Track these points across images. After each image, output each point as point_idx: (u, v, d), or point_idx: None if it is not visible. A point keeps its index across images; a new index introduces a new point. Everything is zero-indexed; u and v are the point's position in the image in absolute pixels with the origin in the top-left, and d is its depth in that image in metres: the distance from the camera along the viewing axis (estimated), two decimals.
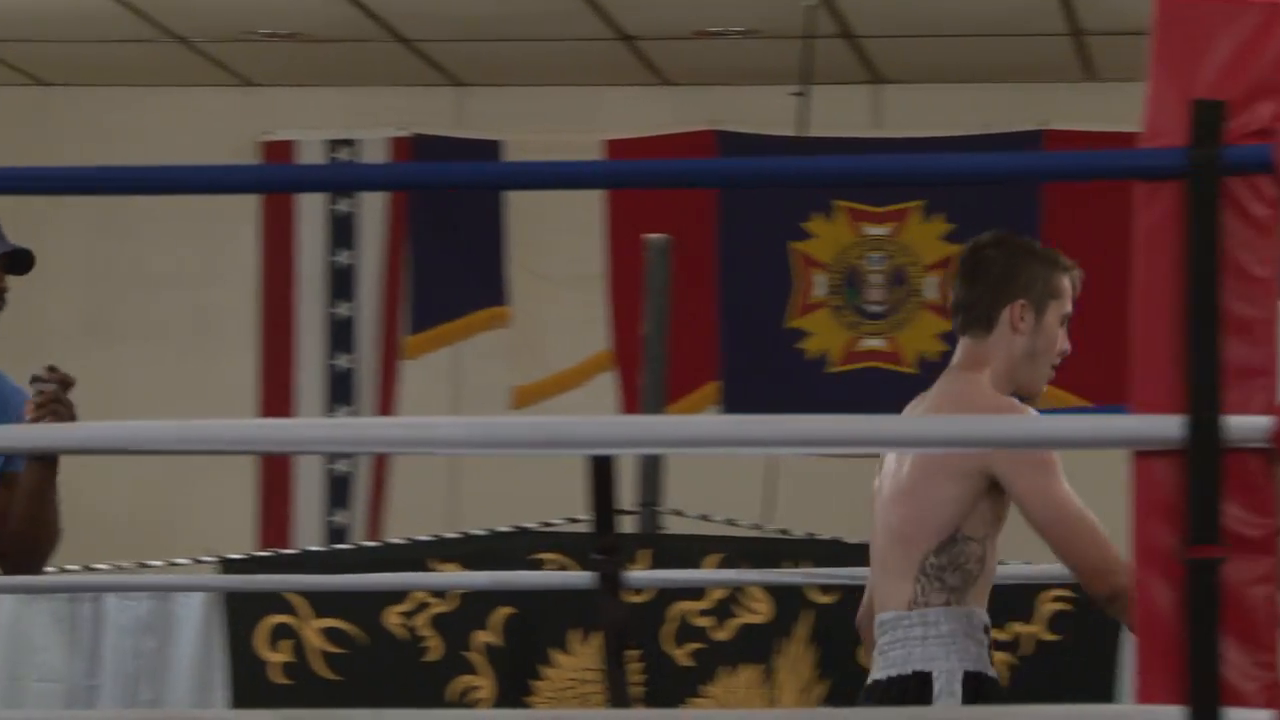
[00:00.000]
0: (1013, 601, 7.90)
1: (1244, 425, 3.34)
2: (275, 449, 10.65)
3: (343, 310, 11.74)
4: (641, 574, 6.68)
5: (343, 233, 11.72)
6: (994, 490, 5.55)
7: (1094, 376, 10.08)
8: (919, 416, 6.25)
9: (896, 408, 10.03)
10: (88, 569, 8.78)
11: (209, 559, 9.08)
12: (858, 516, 9.87)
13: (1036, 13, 10.50)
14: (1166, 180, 3.37)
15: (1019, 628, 8.09)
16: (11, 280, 5.38)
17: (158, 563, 8.98)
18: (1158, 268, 3.43)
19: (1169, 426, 3.33)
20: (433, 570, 8.75)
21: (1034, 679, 7.92)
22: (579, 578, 6.10)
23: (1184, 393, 3.41)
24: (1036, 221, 10.57)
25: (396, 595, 8.45)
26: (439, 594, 8.53)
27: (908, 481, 5.93)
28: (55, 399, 5.36)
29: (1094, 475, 4.74)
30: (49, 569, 7.72)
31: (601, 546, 5.56)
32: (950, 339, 11.29)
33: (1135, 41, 3.88)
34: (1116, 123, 9.25)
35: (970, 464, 5.55)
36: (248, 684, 8.45)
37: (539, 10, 10.99)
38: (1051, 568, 7.49)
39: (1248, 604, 3.37)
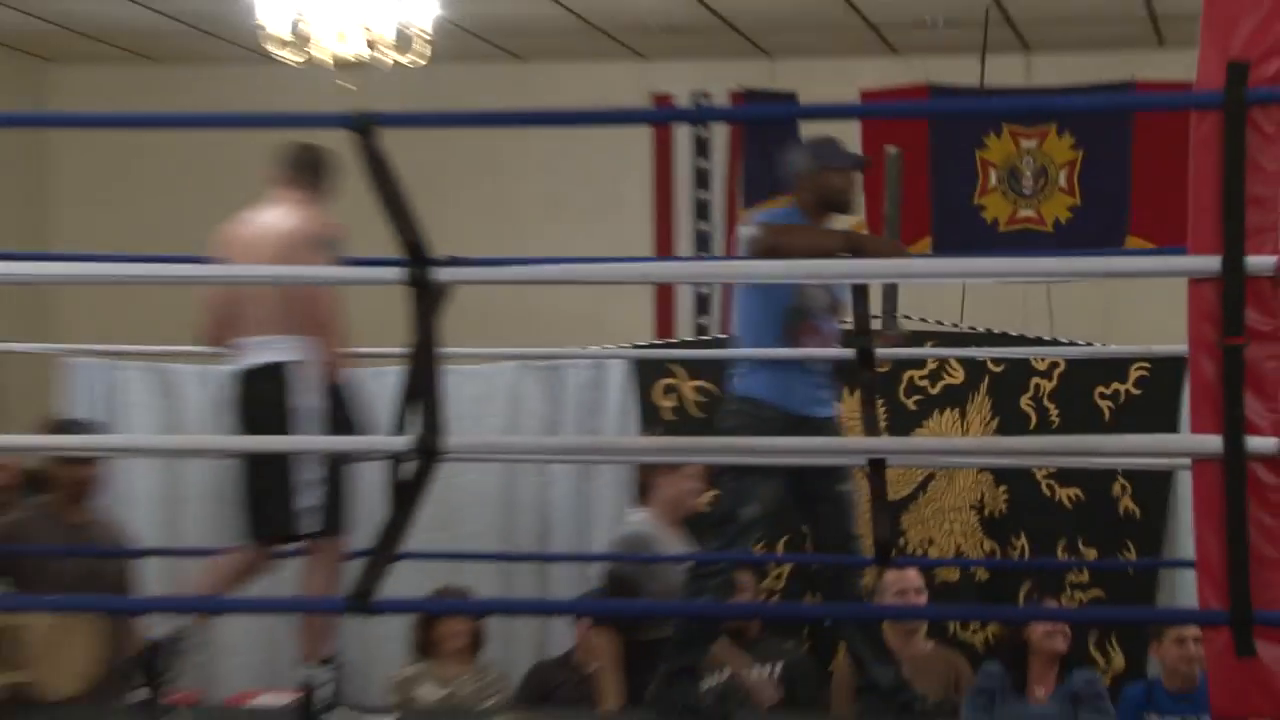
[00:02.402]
0: (1113, 369, 7.95)
1: (1258, 262, 3.71)
2: (662, 279, 10.69)
3: (703, 195, 11.33)
4: (883, 351, 6.40)
5: (703, 147, 11.26)
6: None
7: (1164, 228, 9.55)
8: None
9: (1041, 252, 10.01)
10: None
11: (625, 344, 9.14)
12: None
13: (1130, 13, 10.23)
14: (1214, 109, 3.74)
15: (1117, 385, 7.98)
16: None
17: (595, 347, 8.80)
18: (1206, 163, 3.79)
19: (1212, 263, 3.77)
20: None
21: (1131, 421, 7.81)
22: (847, 353, 6.18)
23: (1222, 241, 3.73)
24: (1129, 140, 10.53)
25: None
26: None
27: None
28: None
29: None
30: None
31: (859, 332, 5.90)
32: (1075, 210, 10.34)
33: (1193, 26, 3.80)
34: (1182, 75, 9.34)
35: None
36: (649, 420, 8.39)
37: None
38: (1136, 348, 7.67)
39: (1262, 372, 3.76)
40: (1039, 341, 8.11)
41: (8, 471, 8.30)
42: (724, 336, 9.89)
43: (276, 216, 5.30)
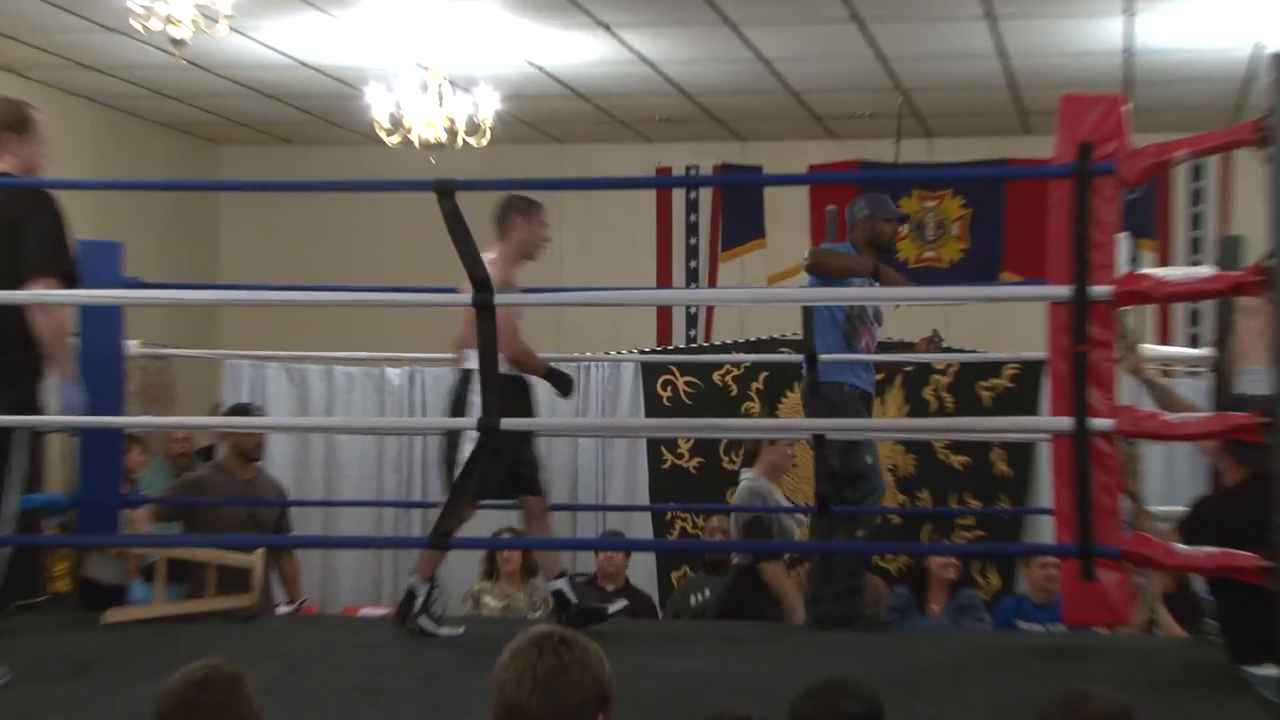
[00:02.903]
0: (992, 369, 7.72)
1: (1098, 290, 3.75)
2: (662, 303, 10.50)
3: (693, 240, 11.06)
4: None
5: (693, 205, 10.96)
6: None
7: (1029, 265, 9.15)
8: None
9: (946, 283, 9.54)
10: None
11: (634, 350, 8.89)
12: None
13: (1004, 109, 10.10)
14: (1069, 178, 3.78)
15: (995, 381, 7.78)
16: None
17: (612, 352, 8.73)
18: (1061, 217, 3.79)
19: (1065, 291, 3.82)
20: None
21: (1005, 407, 7.60)
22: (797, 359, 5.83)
23: (1072, 275, 3.75)
24: (1003, 201, 10.44)
25: (719, 365, 8.10)
26: (735, 365, 8.07)
27: None
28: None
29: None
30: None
31: None
32: (964, 252, 10.16)
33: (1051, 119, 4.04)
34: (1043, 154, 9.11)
35: None
36: (651, 406, 8.13)
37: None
38: (1009, 354, 7.43)
39: (1102, 370, 3.77)
40: (958, 350, 7.93)
41: (186, 442, 8.36)
42: (707, 344, 10.02)
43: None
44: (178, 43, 7.13)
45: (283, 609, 6.60)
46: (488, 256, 4.96)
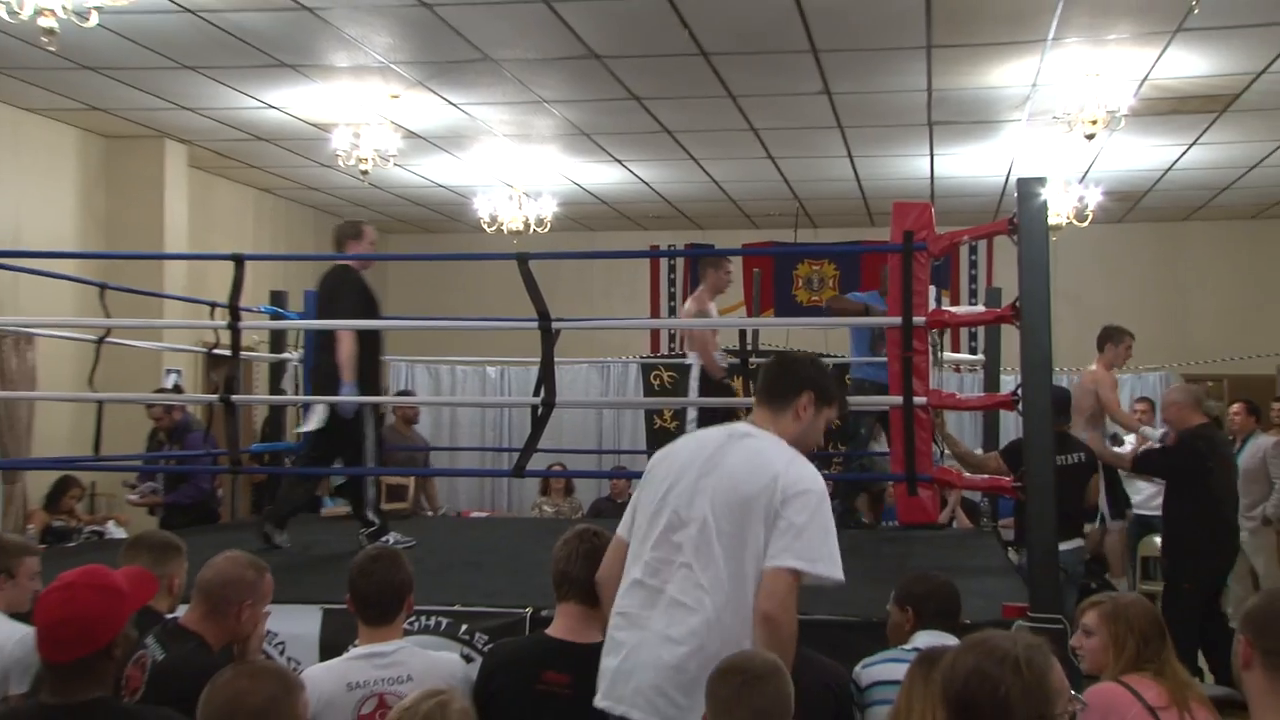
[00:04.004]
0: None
1: (917, 320, 3.50)
2: (653, 328, 10.12)
3: (672, 289, 10.42)
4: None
5: (672, 268, 10.56)
6: None
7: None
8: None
9: (822, 316, 8.43)
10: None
11: (636, 355, 8.48)
12: None
13: (858, 209, 9.76)
14: (899, 253, 3.57)
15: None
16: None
17: (623, 356, 8.32)
18: (896, 274, 3.58)
19: (899, 320, 3.53)
20: None
21: None
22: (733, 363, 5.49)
23: (902, 309, 3.52)
24: (860, 265, 9.82)
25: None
26: None
27: None
28: None
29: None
30: None
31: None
32: (836, 295, 9.61)
33: (888, 216, 3.91)
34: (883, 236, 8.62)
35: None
36: (647, 389, 7.72)
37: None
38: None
39: (920, 367, 3.52)
40: (828, 355, 7.13)
41: None
42: (681, 352, 9.60)
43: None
44: (364, 173, 7.19)
45: (427, 512, 6.58)
46: (692, 295, 4.84)
